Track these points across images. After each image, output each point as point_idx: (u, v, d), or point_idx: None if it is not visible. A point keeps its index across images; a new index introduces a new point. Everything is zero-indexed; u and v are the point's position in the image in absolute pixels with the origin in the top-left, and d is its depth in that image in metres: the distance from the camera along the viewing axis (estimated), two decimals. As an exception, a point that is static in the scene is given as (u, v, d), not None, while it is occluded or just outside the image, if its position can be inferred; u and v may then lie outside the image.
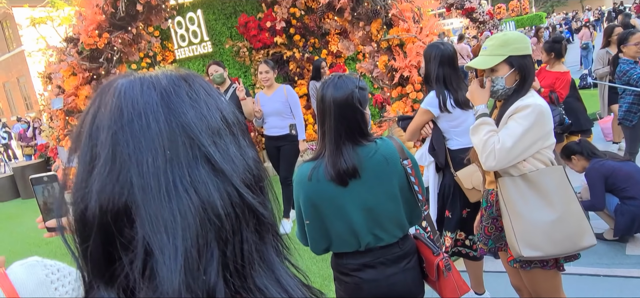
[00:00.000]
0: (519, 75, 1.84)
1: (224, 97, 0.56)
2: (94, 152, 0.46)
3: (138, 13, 4.43)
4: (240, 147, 0.50)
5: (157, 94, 0.48)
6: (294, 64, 6.86)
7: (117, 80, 0.51)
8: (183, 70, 0.55)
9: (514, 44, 1.84)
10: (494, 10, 19.73)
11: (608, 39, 5.83)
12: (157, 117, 0.46)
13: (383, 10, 3.98)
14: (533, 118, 1.74)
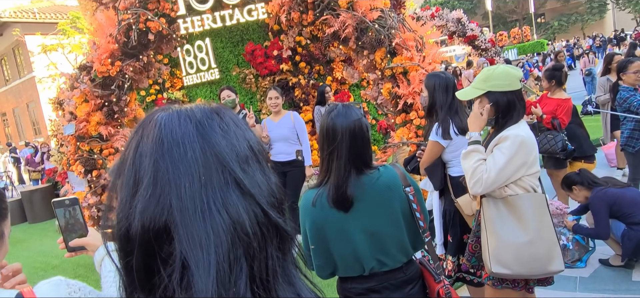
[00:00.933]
0: (495, 109, 1.99)
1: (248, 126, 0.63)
2: (137, 177, 0.53)
3: (149, 42, 4.58)
4: (264, 173, 0.57)
5: (193, 125, 0.55)
6: (299, 90, 7.00)
7: (157, 113, 0.58)
8: (214, 104, 0.62)
9: (494, 80, 1.98)
10: (495, 38, 20.03)
11: (608, 66, 5.92)
12: (194, 146, 0.53)
13: (387, 39, 4.10)
14: (514, 149, 1.87)
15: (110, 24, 4.57)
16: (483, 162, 1.93)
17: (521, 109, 2.00)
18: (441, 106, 2.49)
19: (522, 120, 2.01)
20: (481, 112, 2.03)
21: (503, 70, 2.02)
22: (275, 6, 4.23)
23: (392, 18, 4.18)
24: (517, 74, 2.01)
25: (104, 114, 4.71)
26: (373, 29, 4.09)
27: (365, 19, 4.09)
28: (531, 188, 1.95)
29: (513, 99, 1.97)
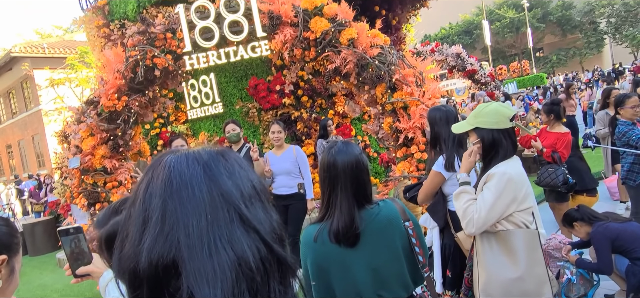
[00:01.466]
0: (482, 145, 2.05)
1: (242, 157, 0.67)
2: (146, 215, 0.57)
3: (155, 78, 4.70)
4: (267, 211, 0.61)
5: (200, 167, 0.60)
6: (302, 124, 7.08)
7: (167, 156, 0.63)
8: (219, 147, 0.67)
9: (483, 117, 2.05)
10: (495, 72, 20.33)
11: (606, 100, 6.01)
12: (201, 187, 0.58)
13: (387, 75, 4.20)
14: (502, 186, 1.91)
15: (118, 60, 4.71)
16: (473, 202, 1.97)
17: (509, 148, 2.03)
18: (445, 139, 2.54)
19: (514, 157, 2.04)
20: (469, 154, 2.10)
21: (493, 108, 2.08)
22: (278, 43, 4.37)
23: (392, 55, 4.30)
24: (507, 113, 2.05)
25: (109, 147, 4.78)
26: (373, 65, 4.20)
27: (366, 55, 4.21)
28: (523, 224, 1.97)
29: (499, 137, 2.02)
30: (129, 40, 4.73)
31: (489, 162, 2.05)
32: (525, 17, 36.56)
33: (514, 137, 2.08)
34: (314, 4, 4.35)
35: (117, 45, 7.34)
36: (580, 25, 40.62)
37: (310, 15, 4.36)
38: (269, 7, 4.39)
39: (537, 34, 39.53)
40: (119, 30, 7.61)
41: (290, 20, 4.37)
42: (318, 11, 4.36)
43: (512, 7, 41.03)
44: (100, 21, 7.83)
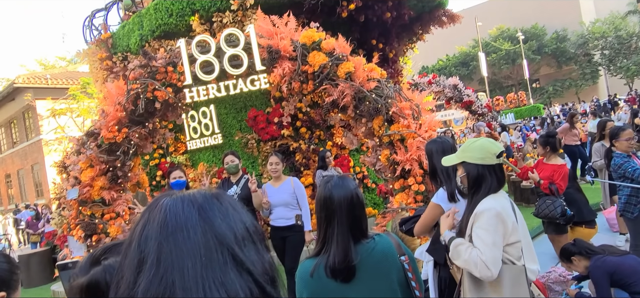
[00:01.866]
0: (467, 179, 2.09)
1: (240, 199, 0.70)
2: (142, 257, 0.59)
3: (156, 110, 4.77)
4: (259, 252, 0.63)
5: (196, 210, 0.63)
6: (300, 155, 7.12)
7: (163, 198, 0.66)
8: (214, 190, 0.70)
9: (470, 152, 2.10)
10: (492, 103, 20.56)
11: (602, 132, 6.07)
12: (196, 229, 0.60)
13: (384, 108, 4.27)
14: (493, 222, 1.94)
15: (120, 93, 4.78)
16: (471, 247, 1.96)
17: (494, 184, 2.05)
18: (443, 171, 2.56)
19: (500, 192, 2.07)
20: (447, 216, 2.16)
21: (480, 144, 2.12)
22: (277, 77, 4.45)
23: (388, 88, 4.38)
24: (493, 150, 2.08)
25: (108, 178, 4.80)
26: (370, 98, 4.27)
27: (363, 88, 4.29)
28: (508, 261, 1.97)
29: (484, 173, 2.05)
30: (131, 73, 4.82)
31: (472, 196, 2.08)
32: (521, 49, 37.27)
33: (501, 174, 2.10)
34: (312, 39, 4.46)
35: (119, 77, 7.47)
36: (574, 57, 41.36)
37: (309, 50, 4.47)
38: (268, 42, 4.51)
39: (533, 66, 40.19)
40: (121, 63, 7.76)
41: (289, 55, 4.47)
42: (316, 46, 4.47)
43: (507, 39, 41.88)
44: (104, 54, 7.99)
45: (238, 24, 6.25)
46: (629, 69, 36.48)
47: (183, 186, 4.37)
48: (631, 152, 4.51)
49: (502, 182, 2.10)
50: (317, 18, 6.48)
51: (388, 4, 7.00)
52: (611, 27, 38.68)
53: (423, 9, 8.02)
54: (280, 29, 4.59)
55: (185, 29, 6.78)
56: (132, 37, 7.63)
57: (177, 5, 6.69)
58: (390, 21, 7.30)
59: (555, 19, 44.38)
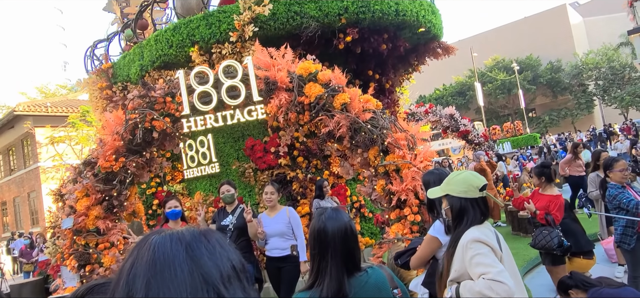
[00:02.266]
0: (451, 212, 2.12)
1: (231, 239, 0.72)
2: (130, 295, 0.61)
3: (153, 139, 4.81)
4: (245, 290, 0.65)
5: (183, 248, 0.64)
6: (297, 184, 7.12)
7: (152, 236, 0.68)
8: (203, 228, 0.72)
9: (453, 185, 2.14)
10: (489, 132, 20.71)
11: (596, 162, 6.11)
12: (183, 267, 0.62)
13: (379, 138, 4.32)
14: (481, 246, 1.95)
15: (118, 123, 4.83)
16: (473, 279, 1.95)
17: (477, 216, 2.07)
18: (440, 202, 2.57)
19: (484, 224, 2.08)
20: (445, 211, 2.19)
21: (463, 178, 2.16)
22: (274, 107, 4.52)
23: (384, 119, 4.44)
24: (476, 183, 2.10)
25: (104, 208, 4.79)
26: (366, 128, 4.32)
27: (359, 119, 4.34)
28: None
29: (467, 206, 2.08)
30: (130, 103, 4.88)
31: (454, 229, 2.11)
32: (516, 79, 37.82)
33: (484, 206, 2.12)
34: (309, 71, 4.55)
35: (118, 106, 7.54)
36: (569, 87, 41.96)
37: (305, 81, 4.55)
38: (265, 73, 4.59)
39: (528, 95, 40.70)
40: (121, 92, 7.85)
41: (286, 86, 4.55)
42: (312, 77, 4.56)
43: (503, 69, 42.56)
44: (104, 83, 8.09)
45: (237, 55, 6.37)
46: (623, 99, 36.95)
47: (179, 215, 4.36)
48: (625, 183, 4.54)
49: (485, 214, 2.12)
50: (315, 49, 6.63)
51: (384, 36, 7.16)
52: (604, 58, 39.42)
53: (418, 41, 8.19)
54: (278, 60, 4.69)
55: (185, 60, 6.90)
56: (132, 67, 7.75)
57: (177, 37, 6.83)
58: (386, 53, 7.45)
59: (549, 50, 45.27)
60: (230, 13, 6.50)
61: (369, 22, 6.80)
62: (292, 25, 6.49)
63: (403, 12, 7.02)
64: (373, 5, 6.73)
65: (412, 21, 7.22)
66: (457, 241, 2.04)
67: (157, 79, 7.02)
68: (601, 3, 58.09)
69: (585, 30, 51.04)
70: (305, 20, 6.44)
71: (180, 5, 8.86)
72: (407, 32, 7.61)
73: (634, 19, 17.65)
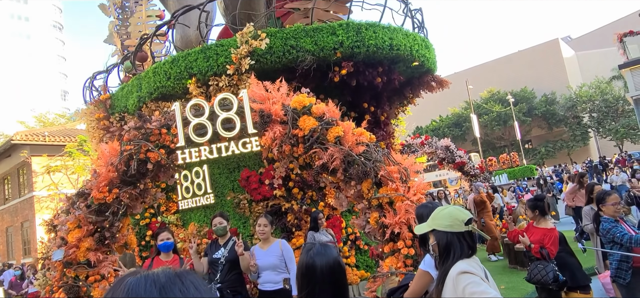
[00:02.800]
0: (438, 247, 2.13)
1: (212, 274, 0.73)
2: None
3: (148, 171, 4.81)
4: None
5: (157, 289, 0.66)
6: (292, 216, 7.09)
7: (127, 278, 0.70)
8: (178, 269, 0.73)
9: (439, 220, 2.17)
10: (485, 163, 20.79)
11: (590, 195, 6.13)
12: None
13: (372, 171, 4.34)
14: (471, 277, 1.95)
15: (113, 154, 4.84)
16: None
17: (464, 250, 2.08)
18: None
19: (473, 258, 2.08)
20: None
21: (448, 212, 2.18)
22: (268, 140, 4.56)
23: (377, 151, 4.48)
24: (461, 217, 2.12)
25: (95, 239, 4.74)
26: (359, 161, 4.35)
27: (352, 152, 4.38)
28: None
29: (453, 240, 2.09)
30: (126, 134, 4.91)
31: (442, 263, 2.11)
32: (512, 111, 38.28)
33: (471, 240, 2.13)
34: (303, 104, 4.61)
35: (115, 137, 7.58)
36: (564, 119, 42.45)
37: (299, 114, 4.61)
38: (260, 106, 4.65)
39: (524, 127, 41.11)
40: (118, 123, 7.91)
41: (280, 118, 4.60)
42: (306, 110, 4.62)
43: (498, 101, 43.12)
44: (101, 114, 8.16)
45: (234, 88, 6.46)
46: (617, 131, 37.32)
47: (170, 248, 4.32)
48: (618, 216, 4.54)
49: (473, 248, 2.13)
50: (310, 82, 6.74)
51: (378, 69, 7.30)
52: (597, 91, 40.06)
53: (413, 74, 8.35)
54: (273, 93, 4.76)
55: (182, 92, 7.00)
56: (130, 99, 7.83)
57: (175, 69, 6.94)
58: (381, 86, 7.57)
59: (543, 82, 46.02)
60: (227, 46, 6.64)
61: (363, 56, 6.94)
62: (288, 59, 6.62)
63: (397, 47, 7.18)
64: (368, 39, 6.90)
65: (406, 55, 7.38)
66: (445, 275, 2.03)
67: (154, 110, 7.09)
68: (593, 38, 59.49)
69: (578, 63, 52.12)
70: (301, 54, 6.57)
71: (179, 39, 9.05)
72: (402, 66, 7.76)
73: (624, 53, 18.08)
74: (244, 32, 6.45)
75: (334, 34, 6.76)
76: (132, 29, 10.13)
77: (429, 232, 2.21)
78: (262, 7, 7.82)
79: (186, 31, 8.67)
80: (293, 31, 6.72)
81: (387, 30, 7.18)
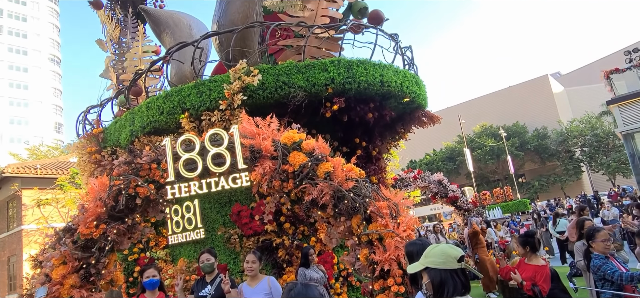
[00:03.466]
0: (432, 286, 2.14)
1: None
2: None
3: (136, 206, 4.78)
4: None
5: None
6: (283, 251, 7.00)
7: None
8: None
9: (431, 257, 2.17)
10: (479, 197, 20.80)
11: (581, 231, 6.12)
12: None
13: (362, 207, 4.34)
14: None
15: (102, 189, 4.82)
16: None
17: (458, 287, 2.08)
18: (422, 273, 2.55)
19: (466, 296, 2.08)
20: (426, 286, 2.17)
21: (440, 250, 2.19)
22: (258, 175, 4.56)
23: (366, 187, 4.49)
24: (454, 254, 2.14)
25: (80, 276, 4.64)
26: (348, 197, 4.36)
27: (341, 188, 4.39)
28: None
29: (446, 277, 2.09)
30: (115, 169, 4.90)
31: None
32: (504, 145, 38.65)
33: (464, 278, 2.13)
34: (293, 140, 4.66)
35: (105, 171, 7.54)
36: (556, 153, 42.86)
37: (289, 150, 4.64)
38: (251, 142, 4.68)
39: (517, 161, 41.41)
40: (109, 157, 7.89)
41: (270, 154, 4.63)
42: (296, 146, 4.65)
43: (490, 136, 43.59)
44: (93, 148, 8.15)
45: (226, 123, 6.51)
46: (609, 166, 37.67)
47: (156, 285, 4.24)
48: (609, 253, 4.53)
49: (466, 286, 2.12)
50: (302, 117, 6.81)
51: (370, 105, 7.41)
52: (588, 126, 40.68)
53: (404, 110, 8.47)
54: (263, 129, 4.80)
55: (175, 126, 7.03)
56: (123, 133, 7.85)
57: (168, 104, 7.00)
58: (373, 121, 7.66)
59: (534, 117, 46.73)
60: (220, 82, 6.74)
61: (355, 92, 7.06)
62: (280, 95, 6.71)
63: (388, 83, 7.32)
64: (359, 76, 7.03)
65: (397, 91, 7.51)
66: None
67: (146, 144, 7.10)
68: (581, 74, 60.93)
69: (568, 99, 53.18)
70: (293, 89, 6.68)
71: (174, 74, 9.18)
72: (393, 102, 7.88)
73: (611, 89, 18.51)
74: (237, 68, 6.56)
75: (325, 70, 6.89)
76: (128, 64, 10.26)
77: (421, 269, 2.20)
78: (255, 44, 7.99)
79: (181, 67, 8.81)
80: (285, 67, 6.85)
81: (378, 67, 7.34)
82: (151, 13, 10.53)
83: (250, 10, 7.96)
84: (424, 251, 2.64)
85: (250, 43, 7.83)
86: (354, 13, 8.37)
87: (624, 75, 18.15)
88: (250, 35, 7.89)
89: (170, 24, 10.11)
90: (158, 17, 10.40)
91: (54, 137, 55.08)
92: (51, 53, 69.79)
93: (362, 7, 8.30)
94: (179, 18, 10.34)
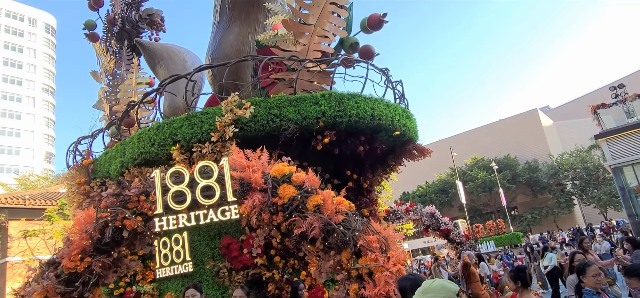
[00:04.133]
0: None
1: None
2: None
3: (123, 239, 4.70)
4: None
5: None
6: (273, 285, 6.87)
7: None
8: None
9: (430, 293, 2.20)
10: (472, 230, 20.73)
11: (572, 264, 6.10)
12: None
13: (351, 240, 4.31)
14: None
15: (88, 221, 4.75)
16: None
17: None
18: None
19: None
20: None
21: (438, 284, 2.20)
22: (247, 208, 4.54)
23: (356, 220, 4.47)
24: (452, 289, 2.18)
25: (62, 312, 4.50)
26: (338, 230, 4.33)
27: (331, 221, 4.37)
28: None
29: None
30: (103, 201, 4.84)
31: None
32: (496, 178, 38.85)
33: None
34: (283, 172, 4.66)
35: (94, 202, 7.44)
36: (548, 186, 43.12)
37: (279, 182, 4.64)
38: (241, 174, 4.68)
39: (509, 194, 41.55)
40: (98, 188, 7.81)
41: (260, 187, 4.62)
42: (286, 179, 4.66)
43: (482, 168, 43.85)
44: (83, 179, 8.07)
45: (217, 154, 6.51)
46: (600, 199, 37.89)
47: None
48: (600, 288, 4.51)
49: None
50: (293, 150, 6.84)
51: (361, 138, 7.47)
52: (578, 159, 41.15)
53: (395, 143, 8.54)
54: (253, 162, 4.81)
55: (166, 158, 7.01)
56: (113, 164, 7.80)
57: (159, 136, 7.01)
58: (364, 154, 7.71)
59: (525, 150, 47.26)
60: (212, 114, 6.78)
61: (346, 125, 7.13)
62: (271, 127, 6.75)
63: (378, 117, 7.41)
64: (350, 109, 7.12)
65: (388, 125, 7.60)
66: None
67: (136, 175, 7.05)
68: (570, 108, 62.16)
69: (557, 132, 54.01)
70: (284, 122, 6.73)
71: (167, 106, 9.24)
72: (384, 135, 7.96)
73: (599, 124, 18.87)
74: (228, 101, 6.62)
75: (316, 103, 6.98)
76: (122, 95, 10.31)
77: None
78: (248, 77, 8.10)
79: (174, 99, 8.87)
80: (277, 100, 6.93)
81: (369, 101, 7.44)
82: (146, 46, 10.67)
83: (243, 44, 8.12)
84: (417, 286, 2.62)
85: (243, 76, 7.93)
86: (345, 48, 8.56)
87: (610, 110, 18.56)
88: (243, 68, 8.01)
89: (165, 56, 10.25)
90: (153, 49, 10.55)
91: (44, 167, 54.51)
92: (45, 83, 70.01)
93: (353, 42, 8.50)
94: (173, 51, 10.49)
